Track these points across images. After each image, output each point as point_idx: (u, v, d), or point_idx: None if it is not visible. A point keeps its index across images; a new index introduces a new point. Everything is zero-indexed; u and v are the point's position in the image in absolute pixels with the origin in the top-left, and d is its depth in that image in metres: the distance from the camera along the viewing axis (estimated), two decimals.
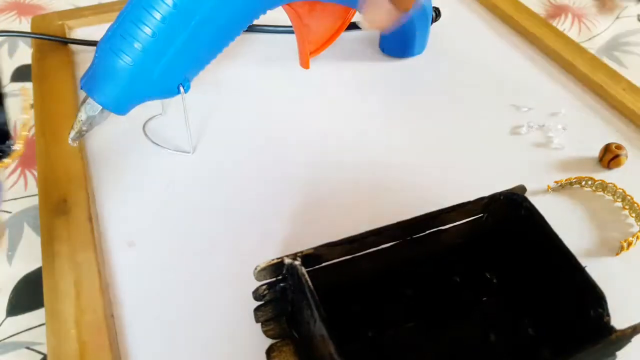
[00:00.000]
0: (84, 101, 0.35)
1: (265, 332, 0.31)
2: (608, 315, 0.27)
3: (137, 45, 0.33)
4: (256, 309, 0.31)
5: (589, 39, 0.57)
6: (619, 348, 0.27)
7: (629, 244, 0.36)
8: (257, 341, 0.30)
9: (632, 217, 0.38)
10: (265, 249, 0.35)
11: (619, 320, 0.26)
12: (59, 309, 0.31)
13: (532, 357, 0.31)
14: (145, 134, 0.41)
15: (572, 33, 0.57)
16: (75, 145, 0.37)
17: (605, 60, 0.53)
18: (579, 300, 0.28)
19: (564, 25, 0.58)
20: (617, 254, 0.36)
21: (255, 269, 0.28)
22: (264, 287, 0.29)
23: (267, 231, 0.37)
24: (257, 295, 0.30)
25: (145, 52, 0.33)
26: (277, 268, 0.28)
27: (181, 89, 0.36)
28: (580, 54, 0.51)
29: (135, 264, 0.35)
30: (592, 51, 0.53)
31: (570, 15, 0.60)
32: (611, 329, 0.26)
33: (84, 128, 0.36)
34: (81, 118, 0.35)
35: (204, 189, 0.39)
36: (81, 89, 0.35)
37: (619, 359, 0.29)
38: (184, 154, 0.40)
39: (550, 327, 0.31)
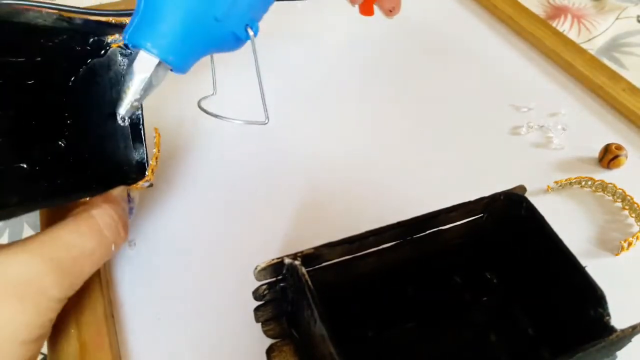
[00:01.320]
0: (130, 63, 0.29)
1: (266, 332, 0.31)
2: (608, 315, 0.27)
3: None
4: (256, 309, 0.31)
5: (589, 39, 0.57)
6: (619, 348, 0.27)
7: (629, 244, 0.36)
8: (257, 341, 0.31)
9: (632, 217, 0.38)
10: (265, 249, 0.35)
11: (619, 320, 0.26)
12: None
13: (532, 357, 0.31)
14: (203, 109, 0.36)
15: (572, 34, 0.57)
16: (127, 123, 0.32)
17: (605, 61, 0.53)
18: (579, 300, 0.28)
19: (564, 26, 0.58)
20: (617, 254, 0.36)
21: (255, 269, 0.28)
22: (264, 287, 0.29)
23: (267, 231, 0.37)
24: (257, 295, 0.30)
25: None
26: (277, 268, 0.28)
27: (250, 31, 0.30)
28: (580, 54, 0.51)
29: (135, 264, 0.35)
30: (592, 52, 0.53)
31: (569, 16, 0.60)
32: (611, 329, 0.26)
33: (137, 96, 0.29)
34: (132, 83, 0.29)
35: (203, 189, 0.39)
36: (125, 44, 0.29)
37: (619, 359, 0.29)
38: (259, 126, 0.36)
39: (550, 327, 0.31)
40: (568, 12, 0.61)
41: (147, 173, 0.34)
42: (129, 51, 0.33)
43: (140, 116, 0.34)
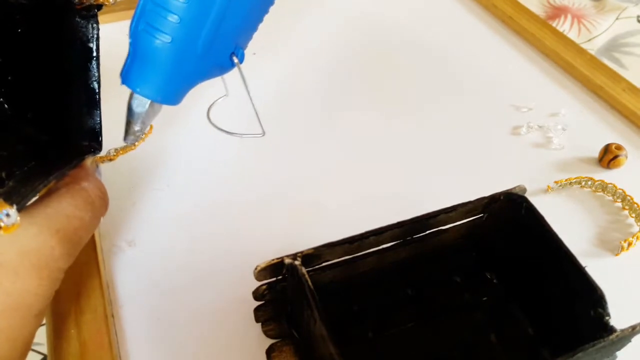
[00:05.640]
0: (130, 98, 0.31)
1: (266, 332, 0.31)
2: (608, 315, 0.27)
3: (171, 17, 0.28)
4: (256, 309, 0.31)
5: (589, 40, 0.57)
6: (619, 348, 0.27)
7: (629, 244, 0.36)
8: (257, 341, 0.31)
9: (632, 217, 0.38)
10: (265, 249, 0.35)
11: (619, 320, 0.26)
12: (59, 309, 0.31)
13: (532, 357, 0.31)
14: (210, 122, 0.38)
15: (572, 34, 0.57)
16: (135, 147, 0.34)
17: (605, 61, 0.53)
18: (579, 300, 0.28)
19: (564, 26, 0.58)
20: (617, 254, 0.36)
21: (255, 269, 0.28)
22: (264, 287, 0.30)
23: (267, 231, 0.37)
24: (257, 295, 0.30)
25: (183, 23, 0.28)
26: (277, 268, 0.28)
27: (235, 59, 0.31)
28: (580, 54, 0.51)
29: (135, 263, 0.35)
30: (592, 52, 0.53)
31: (569, 16, 0.60)
32: (611, 329, 0.26)
33: (136, 128, 0.32)
34: (130, 118, 0.31)
35: (203, 189, 0.39)
36: (122, 84, 0.31)
37: (619, 359, 0.29)
38: (255, 137, 0.38)
39: (550, 327, 0.31)
40: (568, 12, 0.61)
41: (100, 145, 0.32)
42: (86, 13, 0.30)
43: (97, 82, 0.31)
